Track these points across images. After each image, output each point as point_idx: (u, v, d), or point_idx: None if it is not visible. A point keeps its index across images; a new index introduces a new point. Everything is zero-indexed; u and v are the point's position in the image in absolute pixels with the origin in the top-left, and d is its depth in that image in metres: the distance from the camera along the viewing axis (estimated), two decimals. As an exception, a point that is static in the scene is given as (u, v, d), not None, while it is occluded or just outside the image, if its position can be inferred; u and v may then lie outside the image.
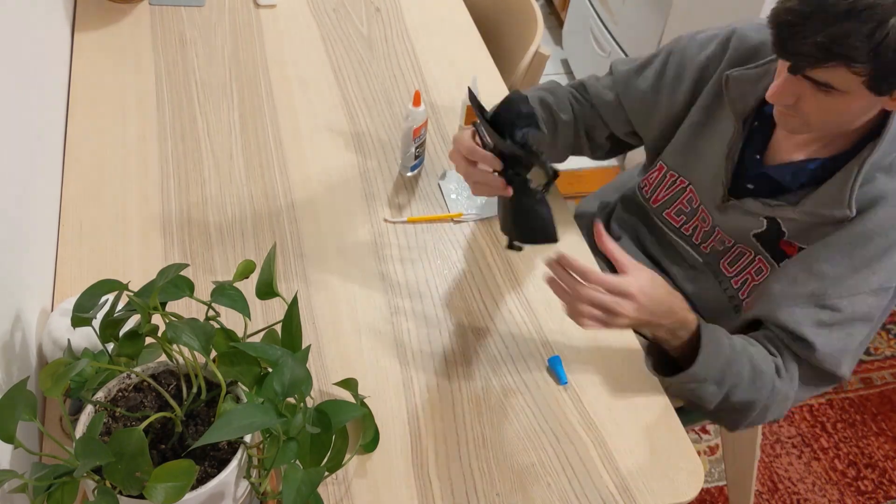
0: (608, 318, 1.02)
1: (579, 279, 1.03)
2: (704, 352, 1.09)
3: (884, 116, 1.08)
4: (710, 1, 2.24)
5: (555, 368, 1.18)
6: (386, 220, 1.37)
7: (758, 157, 1.21)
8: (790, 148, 1.17)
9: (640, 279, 1.04)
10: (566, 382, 1.17)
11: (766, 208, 1.18)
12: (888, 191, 1.08)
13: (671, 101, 1.31)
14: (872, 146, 1.08)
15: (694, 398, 1.13)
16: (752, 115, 1.21)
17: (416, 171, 1.46)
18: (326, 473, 0.95)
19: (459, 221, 1.39)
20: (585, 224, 1.50)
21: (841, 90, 1.00)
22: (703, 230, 1.31)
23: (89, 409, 0.87)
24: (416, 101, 1.37)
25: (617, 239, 1.47)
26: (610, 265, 1.46)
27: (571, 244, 1.37)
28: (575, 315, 1.04)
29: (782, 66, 1.04)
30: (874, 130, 1.09)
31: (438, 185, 1.45)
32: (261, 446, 0.95)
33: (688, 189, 1.32)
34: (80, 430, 0.84)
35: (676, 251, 1.38)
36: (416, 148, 1.41)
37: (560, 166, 1.29)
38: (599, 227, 1.06)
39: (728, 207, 1.24)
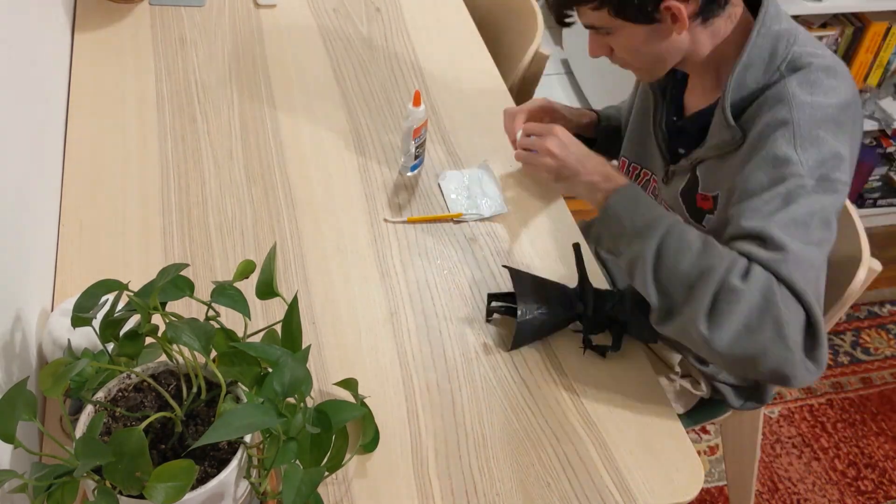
0: (536, 155, 1.24)
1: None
2: (626, 192, 1.12)
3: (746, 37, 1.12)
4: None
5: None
6: (386, 220, 1.37)
7: (675, 119, 1.28)
8: (695, 101, 1.25)
9: (564, 129, 1.23)
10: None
11: (688, 162, 1.23)
12: (763, 99, 1.10)
13: (629, 101, 1.44)
14: (734, 68, 1.11)
15: (630, 256, 1.07)
16: (668, 84, 1.28)
17: (416, 171, 1.46)
18: (326, 473, 0.95)
19: (459, 221, 1.39)
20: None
21: (608, 28, 1.12)
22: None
23: (89, 409, 0.87)
24: (416, 101, 1.37)
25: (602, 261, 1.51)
26: (608, 275, 1.47)
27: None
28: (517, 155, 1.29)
29: None
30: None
31: (438, 185, 1.45)
32: (261, 446, 0.95)
33: (642, 173, 1.37)
34: (80, 430, 0.84)
35: None
36: (416, 148, 1.41)
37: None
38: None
39: (670, 175, 1.29)
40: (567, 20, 1.17)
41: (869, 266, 1.28)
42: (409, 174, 1.45)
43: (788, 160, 1.03)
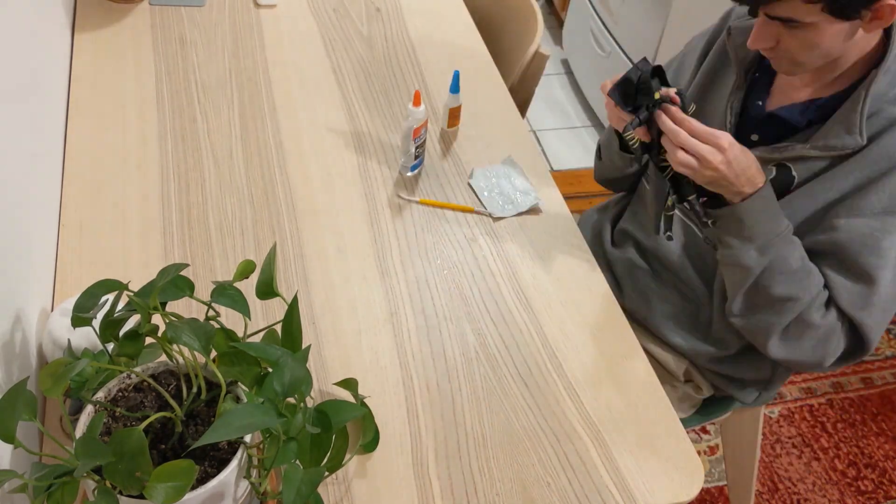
0: (699, 165, 1.09)
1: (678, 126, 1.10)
2: (758, 199, 1.11)
3: (883, 48, 1.10)
4: (710, 1, 2.24)
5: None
6: (399, 197, 1.37)
7: (759, 103, 1.23)
8: (793, 92, 1.19)
9: (733, 140, 1.10)
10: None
11: (775, 153, 1.17)
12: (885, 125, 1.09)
13: (679, 83, 1.36)
14: (875, 73, 1.09)
15: (733, 259, 1.15)
16: (754, 66, 1.24)
17: (416, 171, 1.46)
18: (326, 473, 0.95)
19: (476, 213, 1.40)
20: (587, 230, 1.51)
21: (807, 22, 1.04)
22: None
23: (89, 409, 0.87)
24: (416, 101, 1.37)
25: (616, 246, 1.48)
26: (610, 272, 1.47)
27: (572, 247, 1.37)
28: (672, 157, 1.11)
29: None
30: (875, 63, 1.11)
31: (469, 184, 1.45)
32: (261, 446, 0.95)
33: None
34: (80, 430, 0.84)
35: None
36: (416, 148, 1.41)
37: (560, 165, 1.29)
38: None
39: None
40: (766, 10, 1.06)
41: None
42: (409, 174, 1.45)
43: (890, 217, 1.08)
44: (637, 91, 1.14)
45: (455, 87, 1.48)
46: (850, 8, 1.01)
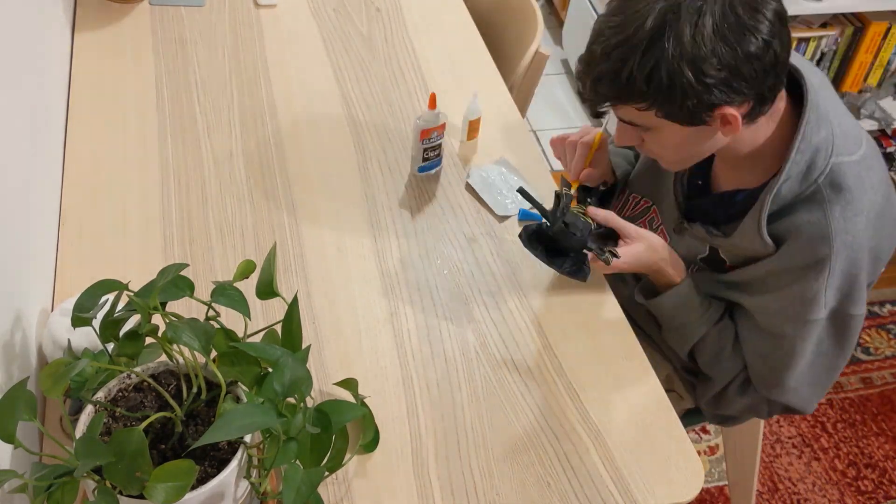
0: (617, 261, 1.17)
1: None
2: (676, 294, 1.22)
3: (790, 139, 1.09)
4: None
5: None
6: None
7: (699, 182, 1.25)
8: (726, 176, 1.21)
9: (635, 248, 1.18)
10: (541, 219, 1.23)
11: (708, 237, 1.21)
12: (801, 223, 1.09)
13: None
14: (776, 180, 1.09)
15: (680, 333, 1.25)
16: None
17: (426, 173, 1.46)
18: (326, 473, 0.95)
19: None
20: None
21: (650, 126, 1.07)
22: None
23: (89, 409, 0.87)
24: (431, 103, 1.37)
25: None
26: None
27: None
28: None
29: None
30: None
31: (468, 183, 1.45)
32: (261, 446, 0.95)
33: (651, 209, 1.34)
34: (80, 430, 0.84)
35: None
36: (426, 150, 1.41)
37: (560, 165, 1.30)
38: (591, 209, 1.20)
39: (683, 230, 1.26)
40: (602, 112, 1.11)
41: None
42: (419, 174, 1.45)
43: (815, 302, 1.11)
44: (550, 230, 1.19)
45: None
46: (688, 115, 1.02)
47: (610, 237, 1.23)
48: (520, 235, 1.21)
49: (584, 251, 1.19)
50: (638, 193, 1.37)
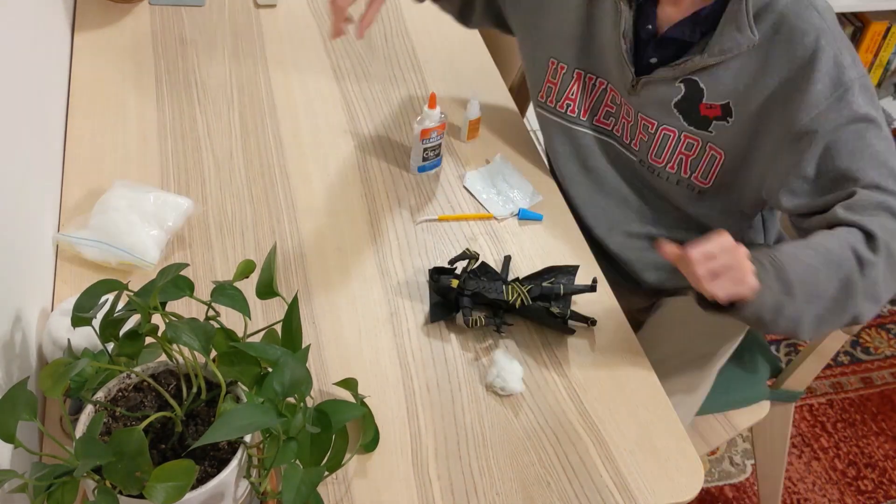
0: (735, 276, 0.97)
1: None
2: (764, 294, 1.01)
3: None
4: None
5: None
6: (417, 223, 1.35)
7: (649, 27, 1.24)
8: (677, 11, 1.21)
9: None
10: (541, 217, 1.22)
11: (678, 70, 1.20)
12: (775, 21, 1.11)
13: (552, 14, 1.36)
14: None
15: (782, 329, 1.06)
16: None
17: (426, 172, 1.46)
18: (326, 473, 0.95)
19: (495, 219, 1.40)
20: None
21: None
22: (629, 124, 1.31)
23: (89, 408, 0.87)
24: (432, 103, 1.37)
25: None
26: (617, 269, 1.46)
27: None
28: (705, 286, 0.97)
29: None
30: None
31: (465, 187, 1.44)
32: (261, 446, 0.95)
33: (609, 88, 1.33)
34: (80, 430, 0.84)
35: (624, 166, 1.39)
36: (426, 150, 1.41)
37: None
38: (661, 243, 1.02)
39: (641, 87, 1.26)
40: None
41: None
42: (418, 173, 1.45)
43: (869, 117, 1.09)
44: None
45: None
46: None
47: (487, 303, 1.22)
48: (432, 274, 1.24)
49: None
50: (589, 72, 1.35)
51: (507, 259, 1.31)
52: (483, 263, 1.26)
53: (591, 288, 1.22)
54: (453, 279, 1.20)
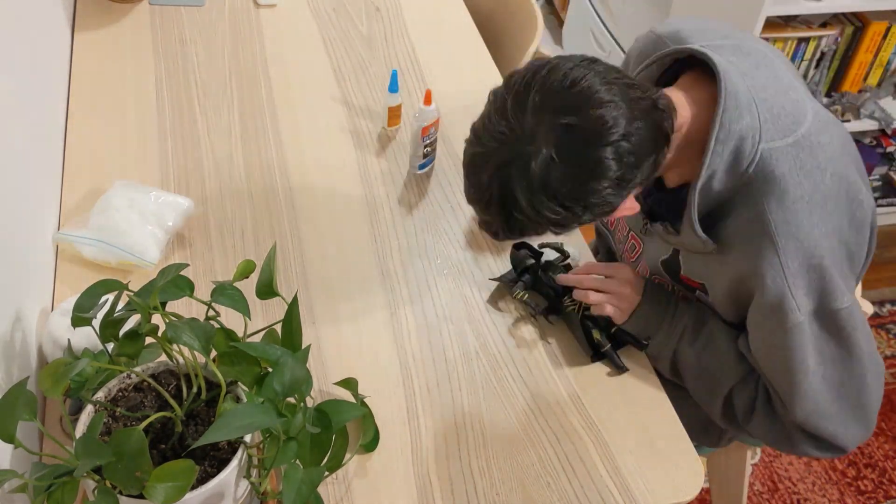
0: (617, 301, 1.18)
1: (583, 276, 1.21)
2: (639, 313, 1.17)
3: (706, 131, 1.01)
4: (710, 1, 2.25)
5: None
6: (490, 279, 1.31)
7: (654, 181, 1.16)
8: (672, 171, 1.11)
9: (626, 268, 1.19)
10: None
11: (665, 235, 1.13)
12: (741, 222, 1.03)
13: None
14: (695, 182, 1.02)
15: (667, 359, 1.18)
16: None
17: (425, 170, 1.46)
18: (326, 473, 0.95)
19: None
20: None
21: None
22: (637, 255, 1.28)
23: (89, 408, 0.87)
24: (427, 99, 1.37)
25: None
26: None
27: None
28: (589, 300, 1.19)
29: None
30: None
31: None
32: (261, 446, 0.95)
33: (630, 235, 1.30)
34: (80, 430, 0.84)
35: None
36: (426, 147, 1.41)
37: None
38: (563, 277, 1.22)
39: (648, 232, 1.20)
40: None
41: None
42: (419, 172, 1.45)
43: (785, 306, 1.02)
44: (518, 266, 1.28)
45: (394, 87, 1.46)
46: (591, 220, 1.00)
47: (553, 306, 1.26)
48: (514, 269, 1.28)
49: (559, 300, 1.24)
50: None
51: (569, 267, 1.28)
52: (556, 264, 1.27)
53: (642, 345, 1.20)
54: (531, 259, 1.24)
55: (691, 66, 1.07)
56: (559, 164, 0.90)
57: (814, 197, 1.00)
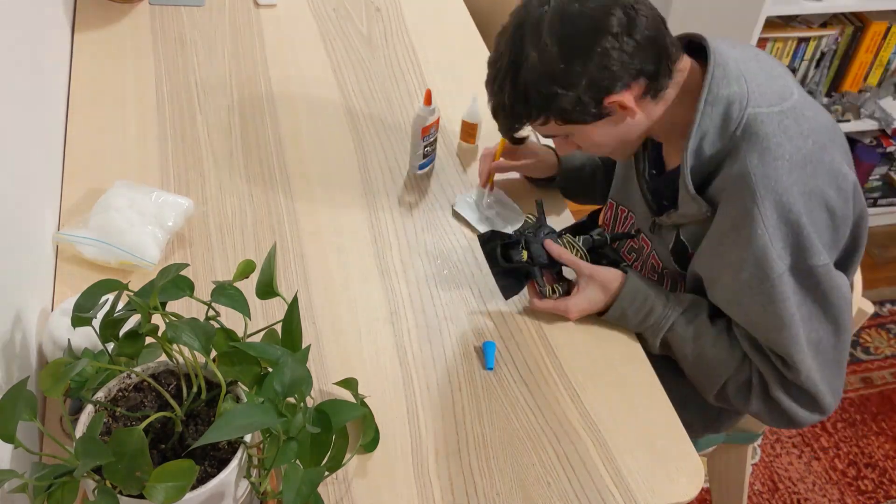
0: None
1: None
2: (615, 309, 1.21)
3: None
4: (710, 1, 2.25)
5: (486, 352, 1.19)
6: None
7: (654, 171, 1.25)
8: (671, 156, 1.21)
9: (577, 302, 1.22)
10: (491, 368, 1.18)
11: (670, 221, 1.20)
12: (726, 179, 1.08)
13: None
14: (686, 141, 1.09)
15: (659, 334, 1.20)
16: (647, 138, 1.22)
17: (425, 170, 1.46)
18: (326, 473, 0.95)
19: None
20: None
21: (567, 132, 1.14)
22: (643, 259, 1.31)
23: (89, 408, 0.87)
24: (427, 99, 1.37)
25: None
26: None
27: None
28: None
29: None
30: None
31: (455, 211, 1.41)
32: (261, 446, 0.95)
33: (629, 216, 1.33)
34: (80, 430, 0.84)
35: None
36: (426, 147, 1.41)
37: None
38: (548, 243, 1.23)
39: (656, 229, 1.25)
40: (518, 136, 1.19)
41: (858, 307, 1.27)
42: (419, 172, 1.45)
43: (767, 258, 1.05)
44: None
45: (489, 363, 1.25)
46: (581, 114, 1.07)
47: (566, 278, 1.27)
48: (481, 236, 1.25)
49: (527, 276, 1.24)
50: (615, 201, 1.36)
51: (540, 204, 1.29)
52: (525, 222, 1.28)
53: (634, 234, 1.24)
54: (523, 251, 1.22)
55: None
56: (567, 16, 1.03)
57: (794, 157, 1.04)
